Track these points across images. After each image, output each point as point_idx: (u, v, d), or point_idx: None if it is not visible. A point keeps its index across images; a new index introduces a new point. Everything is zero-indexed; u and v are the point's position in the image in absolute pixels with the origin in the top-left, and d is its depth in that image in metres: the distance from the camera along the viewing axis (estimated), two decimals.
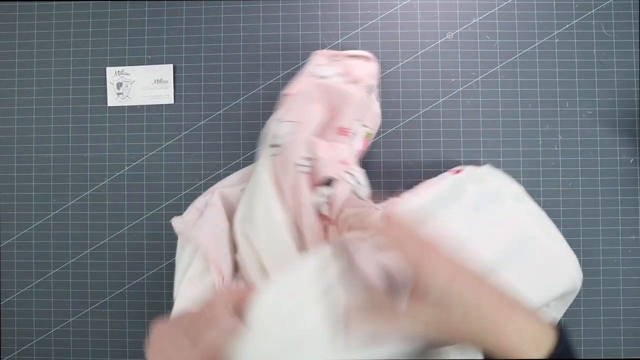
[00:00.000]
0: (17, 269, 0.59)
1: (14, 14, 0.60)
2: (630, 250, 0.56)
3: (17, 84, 0.60)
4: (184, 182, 0.58)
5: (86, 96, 0.59)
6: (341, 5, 0.59)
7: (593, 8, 0.57)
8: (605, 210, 0.57)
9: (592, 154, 0.57)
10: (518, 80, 0.57)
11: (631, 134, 0.57)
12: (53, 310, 0.59)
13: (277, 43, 0.59)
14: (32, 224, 0.59)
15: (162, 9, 0.59)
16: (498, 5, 0.58)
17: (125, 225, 0.59)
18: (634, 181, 0.57)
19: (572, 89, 0.57)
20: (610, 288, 0.56)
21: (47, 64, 0.60)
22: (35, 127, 0.60)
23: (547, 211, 0.56)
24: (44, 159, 0.59)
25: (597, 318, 0.56)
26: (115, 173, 0.59)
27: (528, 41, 0.58)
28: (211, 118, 0.59)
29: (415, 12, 0.58)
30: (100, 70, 0.59)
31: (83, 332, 0.58)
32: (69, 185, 0.59)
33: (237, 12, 0.59)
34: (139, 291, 0.58)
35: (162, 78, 0.59)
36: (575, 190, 0.57)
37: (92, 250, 0.59)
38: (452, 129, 0.57)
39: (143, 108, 0.59)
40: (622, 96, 0.57)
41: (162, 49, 0.59)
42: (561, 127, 0.57)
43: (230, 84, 0.59)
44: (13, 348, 0.59)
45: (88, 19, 0.60)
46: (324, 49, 0.55)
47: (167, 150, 0.59)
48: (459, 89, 0.58)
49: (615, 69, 0.57)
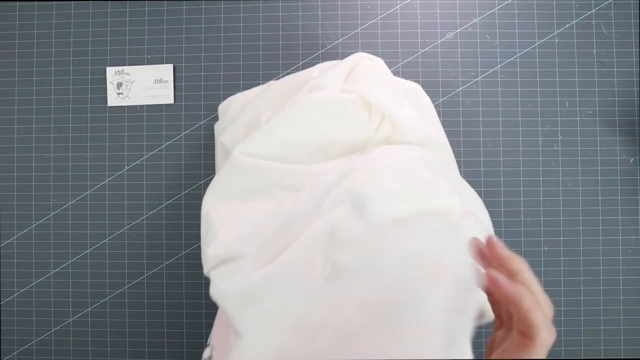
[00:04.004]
0: (17, 269, 0.59)
1: (14, 14, 0.60)
2: (630, 250, 0.56)
3: (17, 84, 0.60)
4: (184, 182, 0.58)
5: (86, 96, 0.59)
6: (341, 5, 0.59)
7: (593, 8, 0.57)
8: (605, 210, 0.57)
9: (592, 154, 0.57)
10: (518, 80, 0.57)
11: (631, 134, 0.57)
12: (53, 310, 0.59)
13: (277, 43, 0.59)
14: (32, 224, 0.59)
15: (162, 9, 0.59)
16: (498, 5, 0.58)
17: (125, 225, 0.59)
18: (634, 181, 0.57)
19: (572, 89, 0.57)
20: (610, 288, 0.56)
21: (47, 64, 0.60)
22: (35, 127, 0.60)
23: (547, 211, 0.57)
24: (44, 159, 0.59)
25: (597, 318, 0.56)
26: (115, 173, 0.59)
27: (528, 41, 0.58)
28: (211, 118, 0.59)
29: (415, 12, 0.58)
30: (100, 70, 0.59)
31: (83, 332, 0.58)
32: (69, 185, 0.59)
33: (237, 12, 0.59)
34: (139, 291, 0.58)
35: (162, 78, 0.59)
36: (575, 190, 0.57)
37: (92, 250, 0.59)
38: (452, 128, 0.57)
39: (143, 108, 0.59)
40: (622, 96, 0.57)
41: (162, 48, 0.59)
42: (561, 127, 0.57)
43: (230, 83, 0.59)
44: (13, 348, 0.59)
45: (88, 19, 0.60)
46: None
47: (167, 150, 0.59)
48: (459, 89, 0.58)
49: (615, 69, 0.57)
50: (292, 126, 0.45)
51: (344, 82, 0.47)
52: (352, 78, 0.47)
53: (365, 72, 0.46)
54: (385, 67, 0.48)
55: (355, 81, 0.46)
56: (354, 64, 0.48)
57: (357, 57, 0.48)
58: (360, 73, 0.46)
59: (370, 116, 0.46)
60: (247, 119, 0.52)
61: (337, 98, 0.45)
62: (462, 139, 0.57)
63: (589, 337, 0.56)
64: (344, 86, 0.47)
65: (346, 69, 0.47)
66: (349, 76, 0.48)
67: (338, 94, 0.45)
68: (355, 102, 0.45)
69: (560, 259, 0.56)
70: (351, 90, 0.45)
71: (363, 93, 0.44)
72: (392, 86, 0.47)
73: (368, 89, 0.45)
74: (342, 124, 0.45)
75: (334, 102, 0.45)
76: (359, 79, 0.46)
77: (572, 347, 0.56)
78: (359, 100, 0.45)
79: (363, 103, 0.45)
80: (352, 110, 0.45)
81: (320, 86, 0.46)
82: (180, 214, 0.58)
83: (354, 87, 0.45)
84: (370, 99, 0.44)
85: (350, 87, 0.46)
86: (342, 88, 0.47)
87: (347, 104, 0.45)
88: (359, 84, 0.45)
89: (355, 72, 0.47)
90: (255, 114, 0.51)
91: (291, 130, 0.45)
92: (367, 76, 0.46)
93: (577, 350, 0.56)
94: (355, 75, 0.47)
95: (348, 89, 0.46)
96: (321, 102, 0.45)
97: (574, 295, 0.56)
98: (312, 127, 0.45)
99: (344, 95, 0.45)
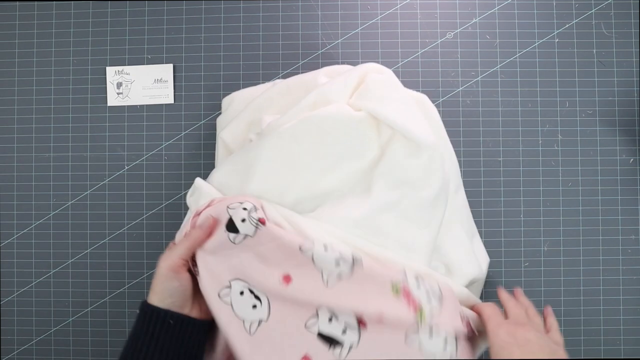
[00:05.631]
0: (17, 269, 0.59)
1: (14, 14, 0.60)
2: (630, 250, 0.56)
3: (17, 83, 0.60)
4: (183, 182, 0.58)
5: (86, 96, 0.60)
6: (341, 5, 0.59)
7: (593, 8, 0.57)
8: (605, 210, 0.57)
9: (592, 154, 0.57)
10: (518, 80, 0.57)
11: (631, 134, 0.57)
12: (53, 309, 0.59)
13: (277, 43, 0.59)
14: (32, 223, 0.59)
15: (162, 9, 0.59)
16: (498, 5, 0.58)
17: (125, 225, 0.59)
18: (633, 181, 0.57)
19: (572, 88, 0.57)
20: (610, 288, 0.56)
21: (47, 63, 0.60)
22: (35, 127, 0.60)
23: (547, 211, 0.57)
24: (44, 158, 0.59)
25: (597, 318, 0.56)
26: (115, 173, 0.59)
27: (528, 41, 0.58)
28: (211, 118, 0.59)
29: (415, 12, 0.58)
30: (100, 70, 0.59)
31: (83, 332, 0.58)
32: (69, 185, 0.59)
33: (237, 12, 0.59)
34: (138, 291, 0.58)
35: (162, 78, 0.59)
36: (575, 190, 0.57)
37: (92, 250, 0.59)
38: (452, 128, 0.57)
39: (143, 108, 0.59)
40: (622, 96, 0.57)
41: (162, 48, 0.59)
42: (561, 127, 0.57)
43: (230, 83, 0.59)
44: (13, 348, 0.59)
45: (88, 19, 0.60)
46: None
47: (167, 150, 0.59)
48: (459, 89, 0.58)
49: (615, 68, 0.57)
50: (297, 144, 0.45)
51: (351, 96, 0.47)
52: (361, 93, 0.46)
53: (375, 87, 0.45)
54: (395, 79, 0.47)
55: (364, 97, 0.45)
56: (362, 76, 0.47)
57: (365, 69, 0.47)
58: (369, 88, 0.45)
59: (380, 131, 0.46)
60: (249, 118, 0.52)
61: (346, 117, 0.44)
62: (462, 139, 0.57)
63: (588, 337, 0.56)
64: (350, 100, 0.46)
65: (355, 81, 0.46)
66: (357, 89, 0.47)
67: (348, 111, 0.45)
68: (365, 120, 0.45)
69: (560, 258, 0.56)
70: (359, 107, 0.45)
71: (372, 110, 0.44)
72: (402, 98, 0.46)
73: (377, 105, 0.44)
74: (354, 145, 0.45)
75: (344, 123, 0.44)
76: (368, 95, 0.45)
77: (572, 347, 0.56)
78: (368, 118, 0.45)
79: (371, 119, 0.45)
80: (362, 129, 0.45)
81: (326, 98, 0.46)
82: (180, 214, 0.58)
83: (364, 103, 0.45)
84: (380, 115, 0.44)
85: (359, 103, 0.45)
86: (349, 102, 0.46)
87: (360, 124, 0.44)
88: (369, 100, 0.45)
89: (364, 86, 0.46)
90: (258, 113, 0.51)
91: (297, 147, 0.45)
92: (376, 92, 0.45)
93: (577, 350, 0.56)
94: (364, 90, 0.46)
95: (356, 105, 0.45)
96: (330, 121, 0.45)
97: (574, 295, 0.56)
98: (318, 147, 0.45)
99: (355, 115, 0.44)
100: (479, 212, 0.56)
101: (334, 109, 0.44)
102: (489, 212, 0.57)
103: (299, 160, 0.45)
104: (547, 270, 0.56)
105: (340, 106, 0.44)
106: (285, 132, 0.44)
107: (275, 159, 0.44)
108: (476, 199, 0.56)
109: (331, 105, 0.45)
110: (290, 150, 0.44)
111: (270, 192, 0.44)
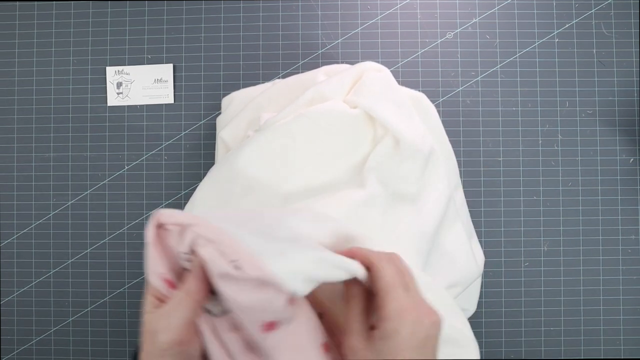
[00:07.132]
0: (17, 269, 0.59)
1: (14, 14, 0.60)
2: (630, 250, 0.56)
3: (17, 83, 0.60)
4: (183, 182, 0.58)
5: (86, 96, 0.60)
6: (341, 5, 0.59)
7: (593, 8, 0.57)
8: (605, 210, 0.57)
9: (592, 154, 0.57)
10: (518, 80, 0.57)
11: (631, 134, 0.57)
12: (53, 309, 0.59)
13: (277, 43, 0.59)
14: (32, 223, 0.59)
15: (162, 8, 0.59)
16: (498, 5, 0.58)
17: (125, 225, 0.59)
18: (633, 181, 0.57)
19: (572, 88, 0.57)
20: (610, 288, 0.56)
21: (47, 63, 0.60)
22: (35, 127, 0.60)
23: (547, 211, 0.57)
24: (44, 158, 0.59)
25: (597, 318, 0.56)
26: (115, 173, 0.59)
27: (528, 41, 0.58)
28: (211, 118, 0.59)
29: (415, 12, 0.58)
30: (100, 69, 0.59)
31: (83, 332, 0.58)
32: (69, 185, 0.59)
33: (237, 12, 0.59)
34: (138, 291, 0.58)
35: (162, 78, 0.59)
36: (575, 190, 0.57)
37: (92, 250, 0.59)
38: (452, 128, 0.57)
39: (143, 108, 0.59)
40: (622, 96, 0.57)
41: (162, 48, 0.59)
42: (561, 126, 0.57)
43: (230, 83, 0.59)
44: (13, 348, 0.59)
45: (88, 19, 0.60)
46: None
47: (167, 150, 0.59)
48: (459, 89, 0.58)
49: (615, 68, 0.57)
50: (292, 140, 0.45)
51: (347, 93, 0.47)
52: (357, 90, 0.46)
53: (372, 84, 0.45)
54: (392, 78, 0.47)
55: (360, 93, 0.45)
56: (360, 74, 0.47)
57: (363, 67, 0.47)
58: (366, 85, 0.46)
59: (375, 129, 0.46)
60: (249, 117, 0.52)
61: (341, 114, 0.44)
62: (461, 139, 0.57)
63: (588, 337, 0.56)
64: (347, 97, 0.46)
65: (351, 79, 0.47)
66: (353, 87, 0.47)
67: (343, 108, 0.45)
68: (360, 117, 0.45)
69: (560, 258, 0.56)
70: (355, 103, 0.45)
71: (368, 107, 0.44)
72: (398, 99, 0.46)
73: (373, 103, 0.44)
74: (348, 141, 0.45)
75: (340, 120, 0.44)
76: (364, 92, 0.45)
77: (572, 347, 0.56)
78: (363, 115, 0.45)
79: (367, 117, 0.45)
80: (357, 126, 0.45)
81: (323, 95, 0.46)
82: None
83: (359, 100, 0.45)
84: (375, 113, 0.44)
85: (355, 99, 0.45)
86: (345, 99, 0.46)
87: (355, 121, 0.44)
88: (364, 97, 0.45)
89: (361, 83, 0.46)
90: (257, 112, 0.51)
91: (292, 143, 0.45)
92: (373, 89, 0.45)
93: (577, 350, 0.56)
94: (360, 87, 0.46)
95: (352, 102, 0.46)
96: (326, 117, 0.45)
97: (574, 295, 0.56)
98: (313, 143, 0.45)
99: (350, 112, 0.44)
100: (479, 212, 0.56)
101: (329, 105, 0.44)
102: (489, 212, 0.57)
103: (293, 155, 0.45)
104: (547, 270, 0.56)
105: (336, 103, 0.45)
106: (280, 128, 0.45)
107: (268, 153, 0.44)
108: (476, 199, 0.57)
109: (327, 102, 0.45)
110: (285, 146, 0.44)
111: (263, 186, 0.44)
